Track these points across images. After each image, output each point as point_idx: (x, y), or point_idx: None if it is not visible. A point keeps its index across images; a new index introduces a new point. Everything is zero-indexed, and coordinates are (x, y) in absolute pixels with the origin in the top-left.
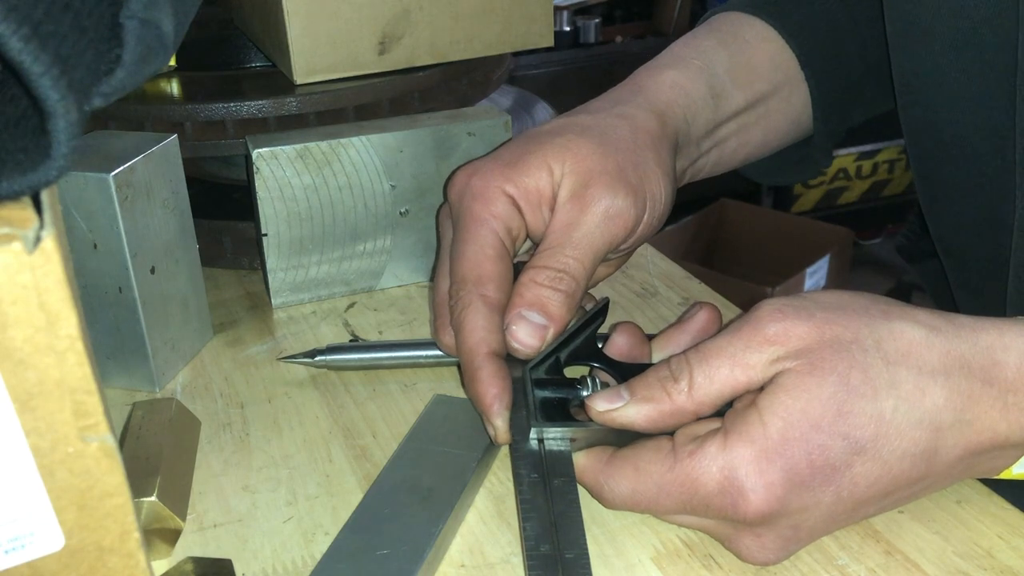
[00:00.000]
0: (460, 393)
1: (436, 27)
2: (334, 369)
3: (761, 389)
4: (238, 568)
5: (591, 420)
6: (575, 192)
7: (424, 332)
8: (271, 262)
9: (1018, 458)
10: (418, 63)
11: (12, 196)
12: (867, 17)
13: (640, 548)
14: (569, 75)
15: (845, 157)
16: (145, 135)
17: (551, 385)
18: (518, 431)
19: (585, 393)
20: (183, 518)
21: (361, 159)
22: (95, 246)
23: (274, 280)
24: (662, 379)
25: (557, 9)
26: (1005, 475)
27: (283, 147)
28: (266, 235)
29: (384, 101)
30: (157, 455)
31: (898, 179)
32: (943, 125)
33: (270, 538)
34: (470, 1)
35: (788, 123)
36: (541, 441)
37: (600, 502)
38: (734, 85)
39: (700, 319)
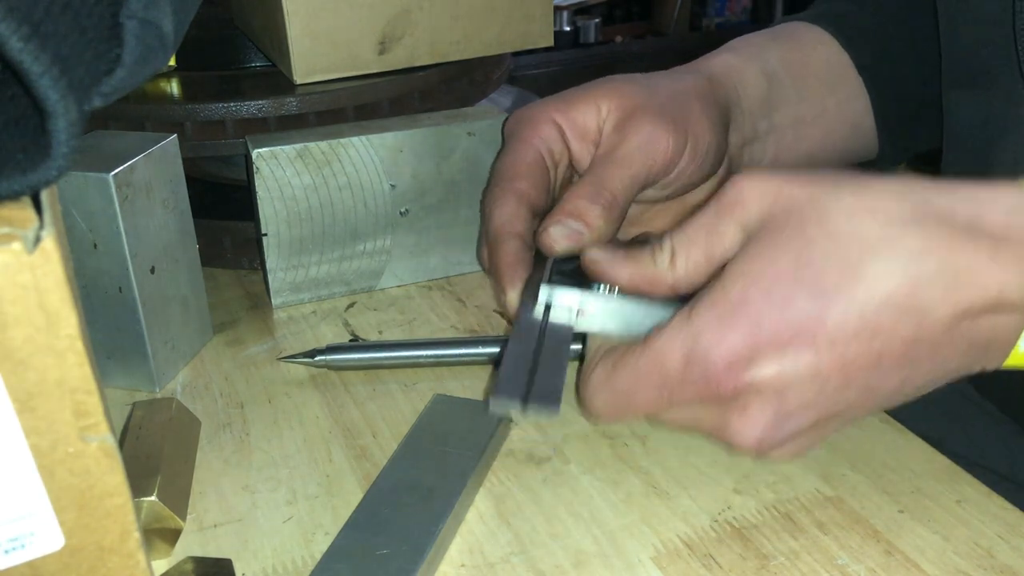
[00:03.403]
0: (460, 393)
1: (436, 27)
2: (334, 369)
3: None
4: (238, 568)
5: (603, 294)
6: (618, 123)
7: (424, 332)
8: (271, 262)
9: (1021, 329)
10: (418, 63)
11: (12, 196)
12: (931, 49)
13: (640, 548)
14: (569, 75)
15: None
16: (145, 135)
17: (571, 279)
18: (529, 294)
19: (602, 288)
20: (183, 518)
21: (361, 159)
22: (95, 246)
23: (274, 280)
24: (653, 247)
25: (557, 9)
26: (1013, 360)
27: (283, 147)
28: (266, 235)
29: (384, 101)
30: (157, 455)
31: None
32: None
33: (270, 538)
34: (470, 1)
35: (848, 126)
36: (548, 308)
37: (589, 417)
38: (787, 74)
39: None
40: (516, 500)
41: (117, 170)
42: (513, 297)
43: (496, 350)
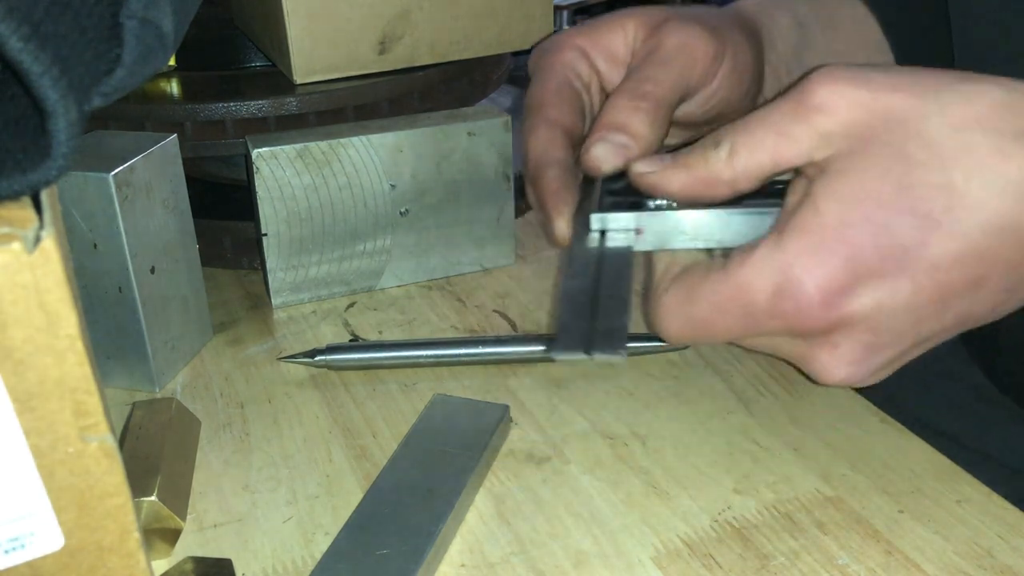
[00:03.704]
0: (460, 393)
1: (436, 27)
2: (334, 369)
3: (810, 178)
4: (238, 568)
5: (660, 209)
6: (651, 32)
7: (424, 332)
8: (271, 262)
9: None
10: (418, 63)
11: (12, 196)
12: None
13: (640, 548)
14: None
15: None
16: (145, 135)
17: (624, 195)
18: (581, 225)
19: (658, 202)
20: (183, 518)
21: (361, 159)
22: (95, 246)
23: (274, 280)
24: (704, 146)
25: (557, 9)
26: None
27: (283, 147)
28: (266, 235)
29: (384, 101)
30: (157, 455)
31: None
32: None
33: (270, 538)
34: (470, 1)
35: None
36: (603, 234)
37: (661, 336)
38: (817, 25)
39: None
40: (516, 500)
41: (117, 170)
42: (562, 226)
43: (496, 350)
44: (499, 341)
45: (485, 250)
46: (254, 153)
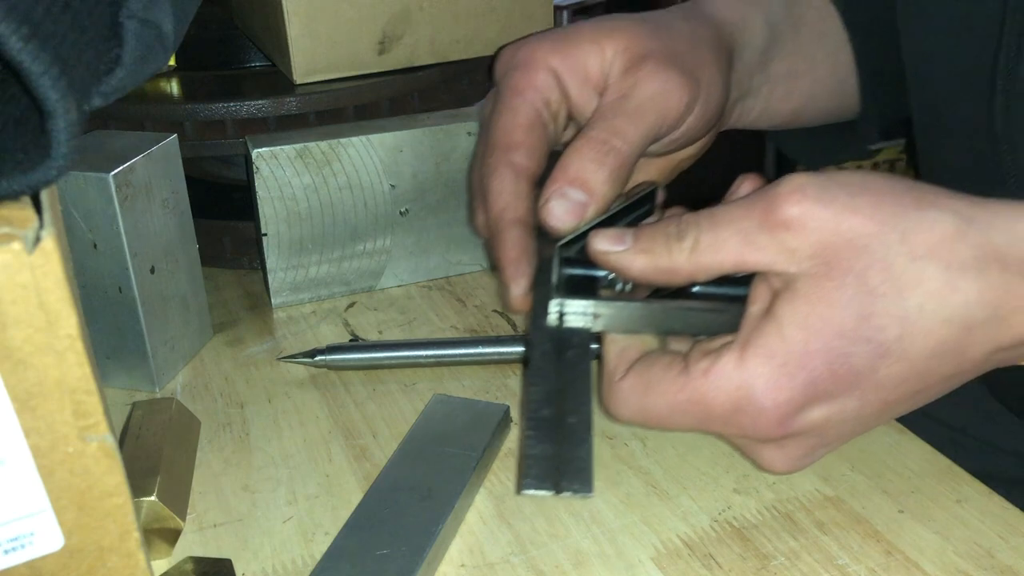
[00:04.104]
0: (460, 393)
1: (436, 27)
2: (334, 369)
3: (774, 288)
4: (238, 568)
5: (615, 298)
6: (629, 69)
7: (424, 332)
8: (271, 262)
9: None
10: (418, 63)
11: (12, 196)
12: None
13: (640, 548)
14: None
15: None
16: (145, 135)
17: (581, 264)
18: (539, 304)
19: (614, 275)
20: (183, 518)
21: (361, 159)
22: (95, 246)
23: (274, 280)
24: (668, 235)
25: (557, 9)
26: None
27: (283, 147)
28: (266, 235)
29: (384, 101)
30: (157, 455)
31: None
32: (941, 109)
33: (270, 538)
34: (470, 1)
35: (835, 81)
36: (562, 316)
37: (610, 417)
38: (787, 23)
39: (744, 191)
40: (516, 500)
41: (117, 170)
42: (518, 295)
43: (496, 350)
44: (499, 341)
45: (485, 250)
46: (254, 153)
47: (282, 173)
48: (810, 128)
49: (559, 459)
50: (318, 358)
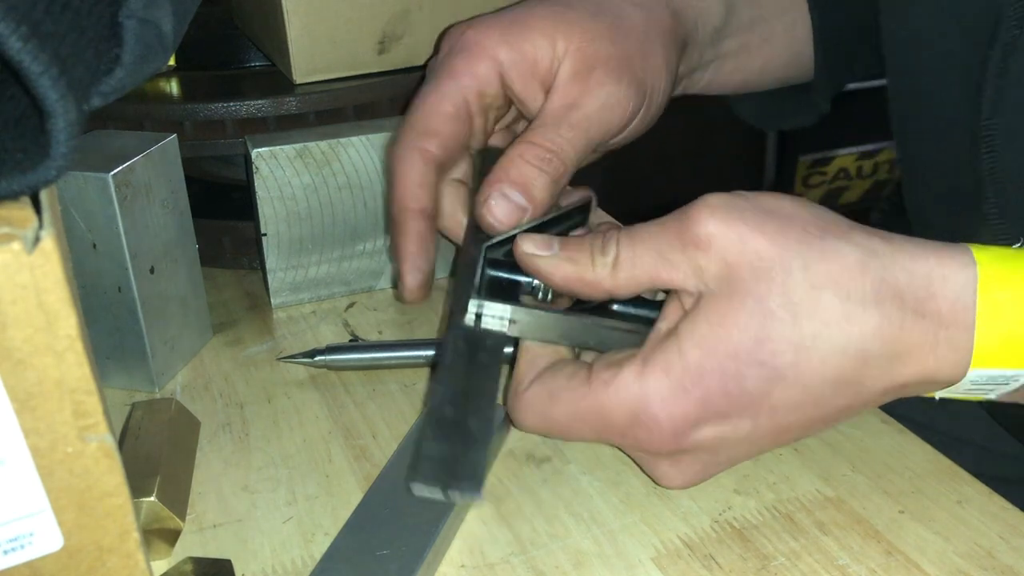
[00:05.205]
0: None
1: (436, 27)
2: (334, 369)
3: (684, 307)
4: (238, 568)
5: (535, 306)
6: (579, 73)
7: (424, 332)
8: (271, 262)
9: (942, 389)
10: (418, 63)
11: (11, 196)
12: None
13: (640, 548)
14: None
15: (846, 157)
16: (144, 135)
17: (506, 267)
18: (459, 302)
19: (537, 282)
20: (183, 518)
21: (361, 159)
22: (94, 246)
23: (274, 280)
24: (593, 247)
25: None
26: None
27: (283, 147)
28: (266, 235)
29: (384, 101)
30: (157, 455)
31: (899, 178)
32: (924, 94)
33: (270, 538)
34: (470, 1)
35: (789, 54)
36: (479, 317)
37: (514, 425)
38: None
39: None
40: (516, 500)
41: (116, 170)
42: (412, 287)
43: None
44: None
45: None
46: (254, 153)
47: (282, 173)
48: (763, 92)
49: (453, 460)
50: (318, 358)
